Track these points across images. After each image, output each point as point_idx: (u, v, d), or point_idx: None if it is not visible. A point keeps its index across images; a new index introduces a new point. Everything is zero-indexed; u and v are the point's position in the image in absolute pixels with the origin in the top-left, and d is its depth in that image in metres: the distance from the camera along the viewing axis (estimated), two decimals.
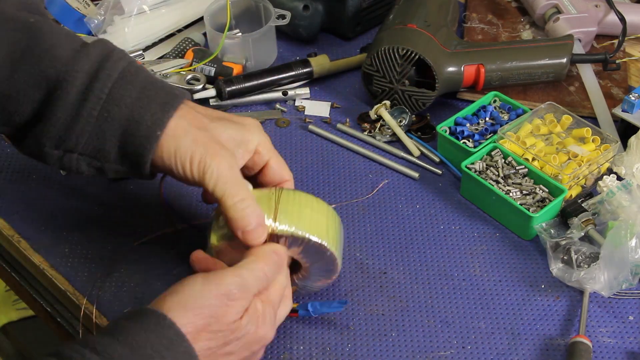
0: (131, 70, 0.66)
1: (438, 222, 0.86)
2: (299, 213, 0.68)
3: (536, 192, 0.83)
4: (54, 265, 0.82)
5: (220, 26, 1.03)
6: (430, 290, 0.79)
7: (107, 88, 0.64)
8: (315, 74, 1.03)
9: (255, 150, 0.71)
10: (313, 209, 0.70)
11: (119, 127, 0.65)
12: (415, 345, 0.74)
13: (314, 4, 1.07)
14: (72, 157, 0.67)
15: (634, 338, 0.74)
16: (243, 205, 0.65)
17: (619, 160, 0.87)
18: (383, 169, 0.93)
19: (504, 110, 0.95)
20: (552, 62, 0.97)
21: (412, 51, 0.91)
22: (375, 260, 0.82)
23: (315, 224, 0.69)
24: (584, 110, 0.97)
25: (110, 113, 0.64)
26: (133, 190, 0.90)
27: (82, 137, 0.65)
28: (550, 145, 0.88)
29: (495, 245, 0.83)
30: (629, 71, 1.04)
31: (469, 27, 1.10)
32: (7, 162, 0.93)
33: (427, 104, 0.95)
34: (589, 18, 1.05)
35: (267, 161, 0.72)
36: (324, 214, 0.71)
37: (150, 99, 0.66)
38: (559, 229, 0.82)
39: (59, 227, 0.85)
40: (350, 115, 1.00)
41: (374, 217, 0.87)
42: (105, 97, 0.64)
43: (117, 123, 0.65)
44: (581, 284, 0.76)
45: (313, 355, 0.74)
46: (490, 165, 0.86)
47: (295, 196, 0.70)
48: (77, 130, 0.65)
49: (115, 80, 0.65)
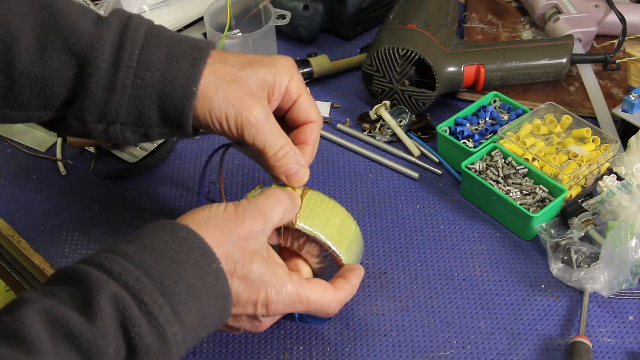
0: (153, 33, 0.67)
1: (438, 222, 0.86)
2: (327, 219, 0.69)
3: (536, 192, 0.83)
4: (54, 265, 0.82)
5: (220, 26, 1.03)
6: (430, 290, 0.79)
7: (134, 56, 0.65)
8: (315, 74, 1.03)
9: (286, 89, 0.71)
10: (343, 221, 0.71)
11: (155, 91, 0.66)
12: (415, 345, 0.74)
13: (314, 4, 1.07)
14: (116, 127, 0.67)
15: (634, 338, 0.74)
16: (283, 153, 0.68)
17: (619, 160, 0.87)
18: (383, 169, 0.93)
19: (504, 110, 0.95)
20: (552, 62, 0.97)
21: (412, 51, 0.91)
22: (375, 260, 0.82)
23: (340, 236, 0.70)
24: (584, 110, 0.97)
25: (143, 79, 0.65)
26: (133, 190, 0.90)
27: (121, 107, 0.66)
28: (550, 145, 0.88)
29: (495, 245, 0.83)
30: (629, 71, 1.04)
31: (469, 27, 1.10)
32: (7, 162, 0.93)
33: (427, 104, 0.95)
34: (589, 18, 1.05)
35: (296, 99, 0.72)
36: (351, 231, 0.72)
37: (179, 58, 0.66)
38: (559, 229, 0.82)
39: (59, 227, 0.86)
40: (350, 115, 1.00)
41: (374, 217, 0.87)
42: (135, 65, 0.65)
43: (152, 88, 0.66)
44: (581, 284, 0.76)
45: (313, 355, 0.74)
46: (490, 165, 0.86)
47: (329, 203, 0.71)
48: (115, 102, 0.66)
49: (141, 46, 0.65)
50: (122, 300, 0.54)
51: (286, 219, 0.67)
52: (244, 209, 0.63)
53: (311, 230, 0.68)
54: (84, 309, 0.53)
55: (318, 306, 0.66)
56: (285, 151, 0.68)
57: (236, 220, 0.62)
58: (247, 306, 0.63)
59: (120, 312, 0.53)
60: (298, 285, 0.65)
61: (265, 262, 0.63)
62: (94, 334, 0.52)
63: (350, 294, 0.69)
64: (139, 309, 0.54)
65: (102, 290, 0.53)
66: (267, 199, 0.65)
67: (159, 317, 0.55)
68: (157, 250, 0.58)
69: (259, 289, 0.63)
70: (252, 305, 0.63)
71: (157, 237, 0.59)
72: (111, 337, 0.53)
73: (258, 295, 0.63)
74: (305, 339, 0.75)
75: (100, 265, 0.56)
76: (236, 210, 0.63)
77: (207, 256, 0.59)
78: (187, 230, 0.60)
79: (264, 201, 0.65)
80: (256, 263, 0.62)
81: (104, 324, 0.52)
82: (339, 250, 0.69)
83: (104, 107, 0.66)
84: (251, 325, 0.66)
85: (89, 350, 0.51)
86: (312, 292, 0.66)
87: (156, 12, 1.08)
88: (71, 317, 0.52)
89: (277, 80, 0.70)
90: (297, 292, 0.65)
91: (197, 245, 0.59)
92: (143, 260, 0.57)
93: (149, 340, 0.54)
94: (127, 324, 0.53)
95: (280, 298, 0.64)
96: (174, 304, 0.56)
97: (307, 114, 0.72)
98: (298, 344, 0.75)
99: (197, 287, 0.58)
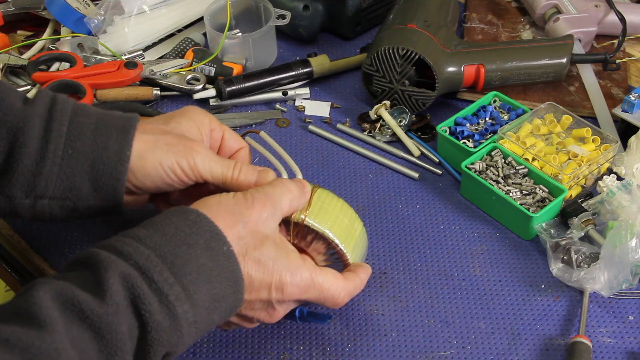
0: (80, 107, 0.68)
1: (438, 222, 0.86)
2: (336, 218, 0.70)
3: (536, 192, 0.83)
4: (54, 265, 0.82)
5: (220, 26, 1.03)
6: (430, 290, 0.79)
7: (64, 126, 0.66)
8: (315, 74, 1.03)
9: (210, 128, 0.74)
10: (350, 221, 0.71)
11: (86, 159, 0.66)
12: (415, 345, 0.74)
13: (314, 4, 1.07)
14: (44, 203, 0.67)
15: (634, 338, 0.74)
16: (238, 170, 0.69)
17: (619, 160, 0.87)
18: (383, 169, 0.93)
19: (504, 110, 0.95)
20: (552, 62, 0.97)
21: (412, 51, 0.91)
22: (375, 260, 0.82)
23: (347, 235, 0.70)
24: (584, 110, 0.97)
25: (74, 149, 0.66)
26: None
27: (51, 179, 0.65)
28: (550, 145, 0.88)
29: (495, 245, 0.83)
30: (629, 71, 1.04)
31: (469, 27, 1.10)
32: None
33: (427, 104, 0.95)
34: (589, 18, 1.05)
35: (223, 135, 0.74)
36: (358, 231, 0.72)
37: (109, 126, 0.67)
38: (559, 229, 0.82)
39: (59, 227, 0.85)
40: (350, 115, 1.00)
41: (374, 217, 0.87)
42: (65, 135, 0.65)
43: (83, 156, 0.66)
44: (581, 284, 0.76)
45: (313, 355, 0.74)
46: (490, 165, 0.86)
47: (338, 202, 0.71)
48: (45, 174, 0.65)
49: (70, 117, 0.66)
50: (131, 278, 0.55)
51: (294, 207, 0.67)
52: (253, 195, 0.64)
53: (320, 227, 0.68)
54: (93, 289, 0.54)
55: (329, 294, 0.67)
56: (238, 168, 0.69)
57: (245, 204, 0.63)
58: (262, 290, 0.63)
59: (130, 290, 0.54)
60: (312, 270, 0.65)
61: (278, 247, 0.64)
62: (105, 310, 0.52)
63: (360, 287, 0.70)
64: (149, 287, 0.55)
65: (111, 269, 0.54)
66: (274, 187, 0.66)
67: (169, 295, 0.55)
68: (167, 232, 0.59)
69: (273, 271, 0.63)
70: (266, 289, 0.63)
71: (167, 221, 0.60)
72: (122, 314, 0.53)
73: (272, 278, 0.63)
74: (305, 338, 0.75)
75: (111, 247, 0.57)
76: (245, 197, 0.64)
77: (218, 238, 0.60)
78: (197, 214, 0.61)
79: (272, 189, 0.66)
80: (268, 246, 0.63)
81: (115, 301, 0.53)
82: (346, 249, 0.69)
83: (32, 179, 0.65)
84: (265, 314, 0.66)
85: (101, 327, 0.52)
86: (324, 279, 0.66)
87: (156, 12, 1.08)
88: (82, 296, 0.52)
89: (199, 122, 0.73)
90: (311, 276, 0.65)
91: (208, 227, 0.60)
92: (154, 241, 0.58)
93: (159, 318, 0.55)
94: (137, 301, 0.54)
95: (295, 281, 0.64)
96: (184, 283, 0.56)
97: (238, 143, 0.75)
98: (298, 343, 0.75)
99: (207, 268, 0.58)
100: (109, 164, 0.66)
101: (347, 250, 0.69)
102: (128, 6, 1.05)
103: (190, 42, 1.07)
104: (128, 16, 1.05)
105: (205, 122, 0.73)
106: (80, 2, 1.07)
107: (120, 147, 0.66)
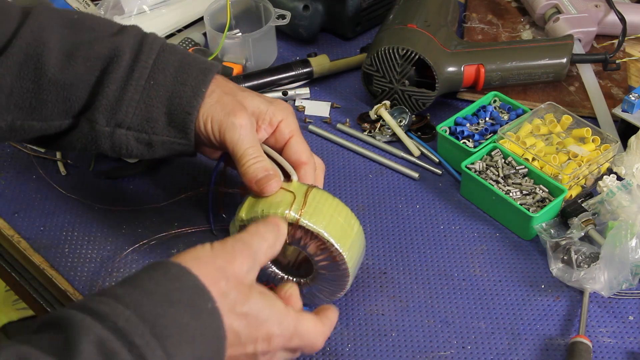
0: (168, 45, 0.73)
1: (438, 222, 0.86)
2: (331, 217, 0.69)
3: (536, 192, 0.83)
4: (54, 265, 0.82)
5: (220, 26, 1.03)
6: (430, 290, 0.79)
7: (151, 59, 0.71)
8: (315, 74, 1.03)
9: (277, 127, 0.74)
10: (346, 220, 0.71)
11: (165, 91, 0.70)
12: (415, 345, 0.74)
13: (314, 4, 1.07)
14: (121, 132, 0.70)
15: (634, 338, 0.74)
16: (253, 155, 0.70)
17: (619, 160, 0.87)
18: (383, 169, 0.93)
19: (504, 110, 0.95)
20: (552, 62, 0.97)
21: (412, 51, 0.91)
22: (375, 260, 0.82)
23: (343, 234, 0.70)
24: (584, 110, 0.97)
25: (156, 80, 0.70)
26: (133, 190, 0.90)
27: (131, 106, 0.70)
28: (550, 145, 0.88)
29: (495, 245, 0.83)
30: (629, 71, 1.04)
31: (469, 27, 1.10)
32: (7, 162, 0.93)
33: (427, 104, 0.95)
34: (589, 18, 1.05)
35: (288, 140, 0.74)
36: (354, 230, 0.72)
37: (192, 66, 0.72)
38: (559, 229, 0.82)
39: (59, 227, 0.86)
40: (350, 115, 1.00)
41: (374, 217, 0.87)
42: (150, 66, 0.70)
43: (163, 88, 0.70)
44: (581, 284, 0.76)
45: (313, 355, 0.74)
46: (490, 165, 0.86)
47: (333, 201, 0.71)
48: (127, 100, 0.69)
49: (158, 52, 0.71)
50: (108, 343, 0.50)
51: (270, 256, 0.65)
52: (233, 247, 0.61)
53: (314, 227, 0.68)
54: (61, 355, 0.49)
55: (310, 341, 0.64)
56: (253, 156, 0.69)
57: (226, 257, 0.60)
58: (248, 344, 0.60)
59: (107, 356, 0.50)
60: (295, 320, 0.63)
61: (263, 296, 0.61)
62: None
63: (331, 329, 0.67)
64: (130, 352, 0.51)
65: (84, 334, 0.50)
66: (252, 237, 0.63)
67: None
68: (147, 289, 0.55)
69: (260, 325, 0.60)
70: (252, 343, 0.60)
71: (147, 276, 0.56)
72: None
73: (259, 332, 0.60)
74: None
75: (86, 307, 0.53)
76: (225, 248, 0.61)
77: (202, 294, 0.56)
78: (179, 268, 0.57)
79: (250, 238, 0.63)
80: (254, 298, 0.60)
81: None
82: (342, 249, 0.69)
83: (115, 104, 0.69)
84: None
85: None
86: (306, 326, 0.64)
87: (156, 12, 1.08)
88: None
89: (270, 113, 0.73)
90: (295, 325, 0.63)
91: (191, 283, 0.56)
92: (133, 300, 0.53)
93: None
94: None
95: (282, 331, 0.62)
96: (166, 347, 0.52)
97: (299, 154, 0.74)
98: None
99: (191, 328, 0.54)
100: (185, 98, 0.70)
101: (342, 250, 0.69)
102: (128, 6, 1.05)
103: (190, 42, 1.07)
104: (128, 16, 1.05)
105: (275, 117, 0.73)
106: (80, 2, 1.07)
107: (197, 84, 0.70)
